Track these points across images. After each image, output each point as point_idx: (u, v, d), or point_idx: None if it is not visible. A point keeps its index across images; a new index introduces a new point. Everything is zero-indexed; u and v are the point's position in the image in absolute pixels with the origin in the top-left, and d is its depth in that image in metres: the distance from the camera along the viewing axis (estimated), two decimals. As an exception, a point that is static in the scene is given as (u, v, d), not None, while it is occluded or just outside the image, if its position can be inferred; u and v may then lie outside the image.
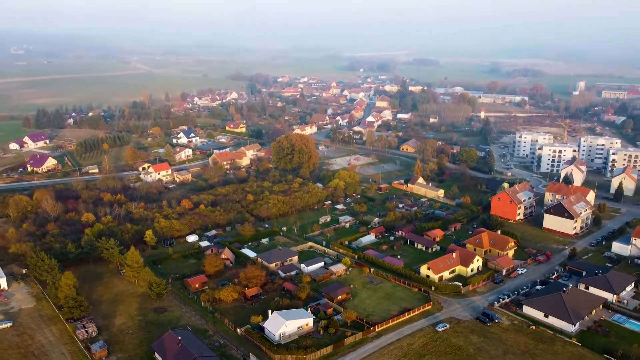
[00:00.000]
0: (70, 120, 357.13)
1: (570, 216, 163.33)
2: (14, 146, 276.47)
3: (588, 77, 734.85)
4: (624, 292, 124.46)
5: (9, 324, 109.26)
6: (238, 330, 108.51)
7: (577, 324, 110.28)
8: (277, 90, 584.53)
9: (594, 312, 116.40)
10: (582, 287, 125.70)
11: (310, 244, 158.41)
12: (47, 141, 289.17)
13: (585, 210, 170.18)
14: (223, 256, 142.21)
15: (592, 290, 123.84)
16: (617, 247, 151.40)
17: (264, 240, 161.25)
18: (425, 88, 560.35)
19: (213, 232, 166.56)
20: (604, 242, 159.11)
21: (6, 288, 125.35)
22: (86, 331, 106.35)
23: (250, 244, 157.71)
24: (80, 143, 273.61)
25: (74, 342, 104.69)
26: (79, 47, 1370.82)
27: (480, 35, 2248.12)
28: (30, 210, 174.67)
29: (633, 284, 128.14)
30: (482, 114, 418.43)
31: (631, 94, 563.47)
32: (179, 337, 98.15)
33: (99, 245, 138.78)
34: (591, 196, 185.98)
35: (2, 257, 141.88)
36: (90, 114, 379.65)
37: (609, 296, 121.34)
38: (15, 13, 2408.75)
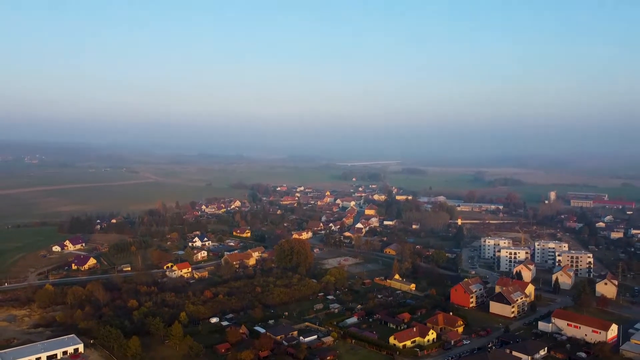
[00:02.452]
0: (98, 226, 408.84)
1: (508, 302, 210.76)
2: (56, 248, 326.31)
3: (563, 186, 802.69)
4: (537, 355, 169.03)
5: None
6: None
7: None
8: (276, 199, 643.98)
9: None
10: (507, 351, 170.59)
11: (306, 323, 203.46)
12: (83, 244, 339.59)
13: (522, 298, 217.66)
14: (241, 331, 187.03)
15: (514, 353, 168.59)
16: (542, 325, 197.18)
17: (271, 321, 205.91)
18: (410, 197, 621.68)
19: (230, 315, 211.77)
20: (534, 322, 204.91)
21: (82, 352, 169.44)
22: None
23: (260, 323, 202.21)
24: (112, 246, 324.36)
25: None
26: (88, 157, 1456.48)
27: (471, 144, 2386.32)
28: (85, 298, 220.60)
29: (546, 348, 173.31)
30: (459, 221, 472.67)
31: (596, 203, 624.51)
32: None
33: (147, 321, 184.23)
34: (530, 288, 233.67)
35: (71, 332, 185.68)
36: (113, 220, 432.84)
37: (525, 357, 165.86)
38: (26, 125, 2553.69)
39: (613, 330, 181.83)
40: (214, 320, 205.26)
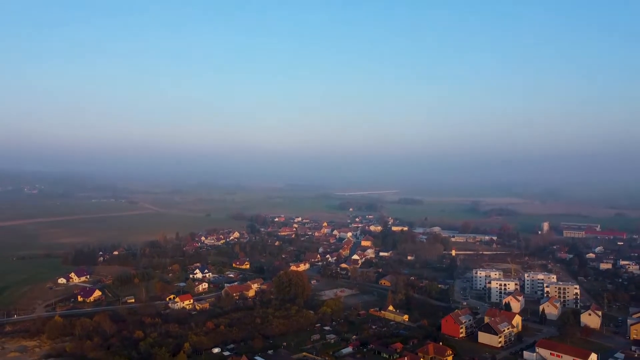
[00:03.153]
0: (101, 258, 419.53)
1: (495, 332, 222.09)
2: (62, 280, 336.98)
3: (557, 217, 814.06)
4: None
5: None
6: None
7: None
8: (274, 230, 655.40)
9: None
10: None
11: (304, 353, 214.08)
12: (88, 276, 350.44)
13: (508, 329, 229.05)
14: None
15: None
16: (527, 355, 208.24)
17: (270, 352, 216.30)
18: (406, 228, 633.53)
19: (231, 345, 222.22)
20: (520, 352, 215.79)
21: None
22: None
23: (260, 353, 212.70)
24: (116, 278, 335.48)
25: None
26: (87, 187, 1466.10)
27: (469, 173, 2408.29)
28: (92, 330, 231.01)
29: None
30: (453, 252, 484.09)
31: (588, 233, 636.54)
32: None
33: (154, 352, 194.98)
34: (517, 319, 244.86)
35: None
36: (115, 252, 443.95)
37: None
38: (25, 154, 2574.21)
39: (592, 359, 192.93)
40: (215, 350, 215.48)
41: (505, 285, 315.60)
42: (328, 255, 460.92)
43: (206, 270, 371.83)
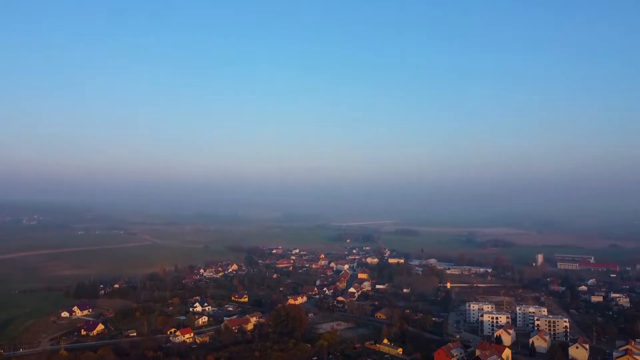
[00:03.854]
0: (102, 292, 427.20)
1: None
2: (65, 314, 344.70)
3: (552, 248, 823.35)
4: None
5: None
6: None
7: None
8: (272, 262, 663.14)
9: None
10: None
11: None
12: (90, 310, 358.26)
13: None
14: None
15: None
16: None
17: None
18: (402, 261, 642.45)
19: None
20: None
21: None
22: None
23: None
24: (118, 311, 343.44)
25: None
26: (85, 219, 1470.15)
27: (467, 203, 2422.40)
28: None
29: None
30: (448, 285, 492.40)
31: (582, 265, 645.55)
32: None
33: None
34: (507, 352, 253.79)
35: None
36: (116, 285, 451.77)
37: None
38: (23, 185, 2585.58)
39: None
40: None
41: (497, 318, 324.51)
42: (325, 288, 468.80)
43: (206, 304, 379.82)
